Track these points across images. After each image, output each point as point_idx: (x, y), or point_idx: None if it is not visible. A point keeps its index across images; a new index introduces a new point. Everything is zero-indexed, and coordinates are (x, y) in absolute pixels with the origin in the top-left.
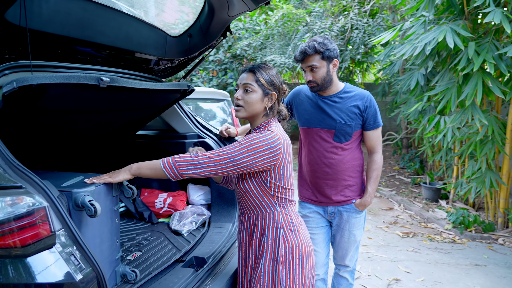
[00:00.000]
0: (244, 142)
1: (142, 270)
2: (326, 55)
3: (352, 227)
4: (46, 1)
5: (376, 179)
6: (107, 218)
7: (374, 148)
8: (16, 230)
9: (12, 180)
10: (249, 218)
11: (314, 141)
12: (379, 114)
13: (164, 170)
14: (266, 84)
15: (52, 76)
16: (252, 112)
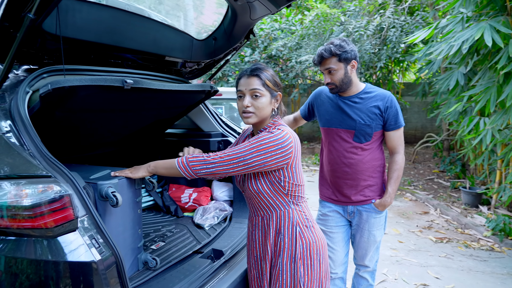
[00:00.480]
0: (254, 141)
1: (163, 258)
2: (343, 57)
3: (372, 227)
4: (80, 11)
5: (397, 180)
6: (129, 209)
7: (396, 148)
8: (46, 214)
9: (44, 170)
10: (263, 219)
11: (334, 141)
12: (401, 114)
13: (179, 169)
14: (272, 86)
15: (82, 78)
16: (262, 116)
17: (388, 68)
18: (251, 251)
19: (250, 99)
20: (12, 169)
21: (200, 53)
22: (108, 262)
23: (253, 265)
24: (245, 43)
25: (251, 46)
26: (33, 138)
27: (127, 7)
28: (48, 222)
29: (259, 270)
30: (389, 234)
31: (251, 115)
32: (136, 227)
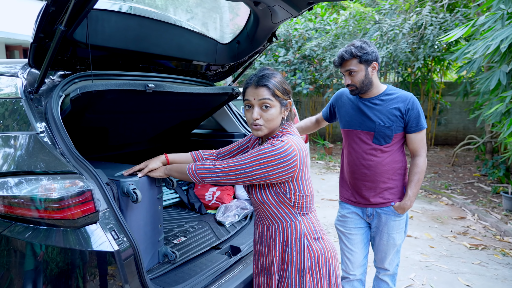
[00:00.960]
0: (255, 154)
1: (183, 253)
2: (364, 59)
3: (391, 230)
4: (108, 21)
5: (418, 183)
6: (150, 205)
7: (417, 151)
8: (71, 206)
9: (71, 167)
10: (269, 228)
11: (353, 143)
12: (423, 117)
13: (189, 175)
14: (282, 94)
15: (107, 83)
16: (272, 128)
17: (428, 67)
18: (258, 258)
19: (259, 110)
20: (44, 166)
21: (224, 56)
22: (126, 253)
23: (260, 272)
24: (268, 46)
25: (285, 46)
26: (64, 138)
27: (153, 15)
28: (72, 214)
29: (266, 278)
30: (420, 239)
31: (260, 128)
32: (156, 222)
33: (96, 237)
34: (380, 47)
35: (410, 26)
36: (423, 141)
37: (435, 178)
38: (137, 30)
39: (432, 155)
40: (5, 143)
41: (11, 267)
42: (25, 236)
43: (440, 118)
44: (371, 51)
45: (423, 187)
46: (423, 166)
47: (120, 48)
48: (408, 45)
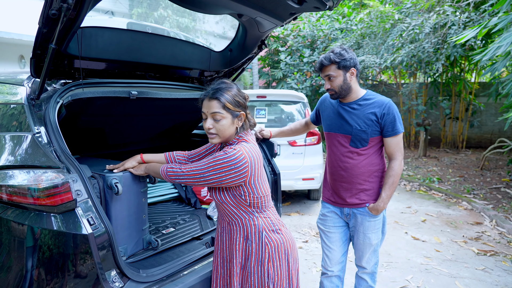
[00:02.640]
0: (210, 160)
1: (167, 241)
2: (342, 65)
3: (367, 230)
4: (102, 36)
5: (392, 186)
6: (134, 197)
7: (393, 155)
8: (52, 195)
9: (57, 163)
10: (229, 224)
11: (333, 145)
12: (399, 121)
13: (161, 175)
14: (233, 107)
15: (95, 91)
16: (225, 136)
17: (461, 67)
18: (219, 251)
19: (212, 121)
20: (35, 161)
21: (217, 63)
22: (101, 237)
23: (221, 264)
24: (259, 52)
25: (311, 47)
26: (57, 138)
27: (148, 28)
28: (53, 201)
29: (226, 271)
30: (428, 242)
31: (214, 136)
32: (140, 213)
33: (73, 221)
34: (401, 46)
35: (432, 25)
36: (399, 145)
37: (460, 182)
38: (130, 43)
39: (461, 158)
40: (7, 142)
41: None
42: (17, 218)
43: (472, 120)
44: (349, 57)
45: (443, 191)
46: (398, 170)
47: (114, 59)
48: (431, 44)
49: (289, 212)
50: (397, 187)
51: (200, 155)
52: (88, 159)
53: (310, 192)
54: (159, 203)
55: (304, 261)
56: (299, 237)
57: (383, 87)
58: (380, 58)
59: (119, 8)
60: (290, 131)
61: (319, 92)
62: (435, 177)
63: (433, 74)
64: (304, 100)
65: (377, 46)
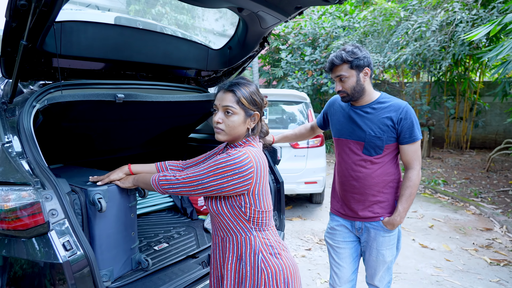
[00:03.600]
0: (211, 163)
1: (159, 260)
2: (355, 64)
3: (380, 246)
4: (85, 32)
5: (409, 198)
6: (121, 213)
7: (410, 163)
8: (20, 217)
9: (26, 178)
10: (223, 240)
11: (343, 153)
12: (417, 127)
13: (152, 186)
14: (248, 104)
15: (75, 94)
16: (234, 135)
17: (465, 66)
18: (213, 269)
19: (222, 115)
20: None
21: (216, 62)
22: (79, 264)
23: (215, 283)
24: (260, 51)
25: (312, 45)
26: (31, 148)
27: (138, 24)
28: (21, 225)
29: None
30: (437, 250)
31: (221, 132)
32: (129, 230)
33: (45, 247)
34: (406, 44)
35: (438, 23)
36: (416, 153)
37: (466, 185)
38: (117, 39)
39: (466, 159)
40: None
41: None
42: None
43: (477, 120)
44: (363, 56)
45: (449, 194)
46: (416, 180)
47: (100, 58)
48: (437, 42)
49: (291, 217)
50: None
51: (198, 164)
52: (71, 169)
53: (312, 196)
54: (152, 213)
55: (308, 271)
56: (301, 244)
57: (386, 86)
58: (384, 57)
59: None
60: (295, 135)
61: (321, 92)
62: (440, 179)
63: (437, 73)
64: (307, 100)
65: (380, 45)
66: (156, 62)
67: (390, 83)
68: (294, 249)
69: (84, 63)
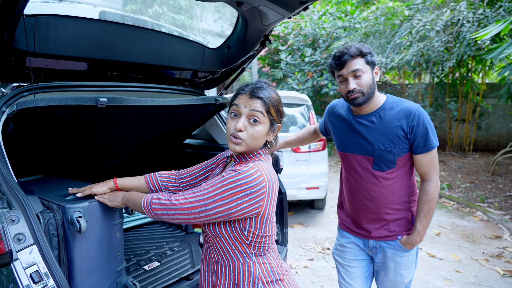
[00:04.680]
0: (216, 183)
1: (149, 283)
2: (370, 60)
3: (399, 266)
4: (64, 27)
5: (428, 214)
6: (105, 233)
7: (426, 175)
8: None
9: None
10: (217, 263)
11: (351, 169)
12: (433, 133)
13: (144, 210)
14: (275, 115)
15: (49, 98)
16: (253, 147)
17: (468, 67)
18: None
19: (246, 122)
20: None
21: (213, 62)
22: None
23: None
24: (261, 50)
25: (312, 46)
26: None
27: (126, 19)
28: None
29: None
30: (446, 260)
31: (240, 142)
32: (114, 251)
33: (8, 281)
34: (409, 45)
35: (444, 23)
36: (433, 162)
37: (471, 189)
38: (102, 37)
39: (469, 162)
40: None
41: None
42: None
43: (480, 122)
44: (374, 53)
45: (455, 199)
46: (434, 193)
47: (81, 57)
48: (442, 43)
49: (292, 224)
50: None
51: (192, 175)
52: (50, 182)
53: (314, 202)
54: (143, 226)
55: (311, 284)
56: (303, 254)
57: (387, 88)
58: (386, 58)
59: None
60: (298, 140)
61: (321, 93)
62: (445, 183)
63: (439, 74)
64: (308, 103)
65: (382, 45)
66: (147, 62)
67: (392, 84)
68: (296, 259)
69: (64, 62)
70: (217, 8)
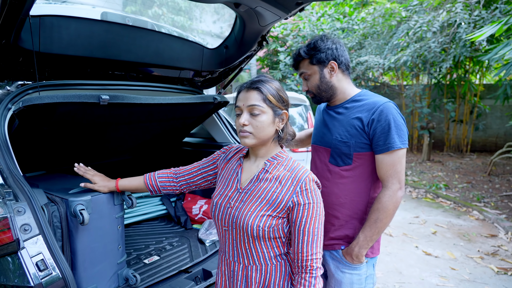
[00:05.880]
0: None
1: (149, 275)
2: (316, 59)
3: (338, 285)
4: (67, 27)
5: (374, 225)
6: (106, 225)
7: (384, 180)
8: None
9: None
10: (246, 269)
11: (313, 162)
12: (397, 133)
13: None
14: (276, 102)
15: (54, 96)
16: (262, 138)
17: (465, 68)
18: None
19: (248, 116)
20: None
21: (211, 62)
22: (54, 285)
23: None
24: (258, 50)
25: None
26: (5, 155)
27: (127, 20)
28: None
29: None
30: (441, 258)
31: (248, 135)
32: (115, 243)
33: (15, 268)
34: (406, 46)
35: (440, 24)
36: (394, 167)
37: (468, 189)
38: (104, 37)
39: (466, 163)
40: None
41: None
42: None
43: (477, 123)
44: (326, 47)
45: (452, 198)
46: (388, 203)
47: (84, 56)
48: (438, 44)
49: None
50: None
51: (191, 174)
52: (53, 177)
53: None
54: (143, 222)
55: None
56: None
57: (385, 89)
58: (384, 59)
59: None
60: (294, 142)
61: None
62: (442, 183)
63: (437, 75)
64: (306, 103)
65: (380, 46)
66: (147, 62)
67: (390, 85)
68: None
69: (68, 61)
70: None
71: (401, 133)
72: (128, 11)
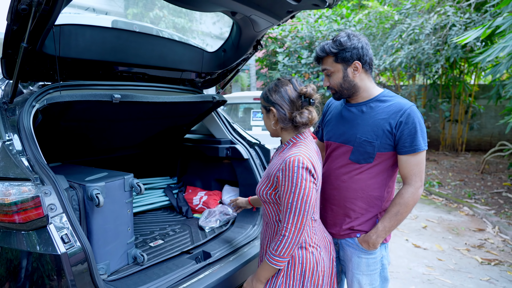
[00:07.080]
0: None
1: (154, 256)
2: (341, 57)
3: (356, 269)
4: (83, 34)
5: (394, 217)
6: (118, 208)
7: (407, 178)
8: (20, 211)
9: (26, 174)
10: (266, 225)
11: (329, 158)
12: (422, 135)
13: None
14: (264, 102)
15: (73, 94)
16: (271, 132)
17: (460, 69)
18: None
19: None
20: (3, 171)
21: (211, 64)
22: (76, 256)
23: None
24: (254, 53)
25: (309, 48)
26: (31, 146)
27: (134, 27)
28: (22, 218)
29: None
30: (429, 250)
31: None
32: (125, 225)
33: (44, 240)
34: (400, 48)
35: (432, 26)
36: (418, 166)
37: (460, 186)
38: (114, 42)
39: (461, 162)
40: None
41: None
42: None
43: (472, 123)
44: (352, 47)
45: (444, 195)
46: (409, 199)
47: (97, 60)
48: (431, 46)
49: None
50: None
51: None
52: (69, 167)
53: None
54: (148, 212)
55: None
56: None
57: None
58: (379, 60)
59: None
60: None
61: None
62: (435, 181)
63: (432, 76)
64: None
65: (375, 48)
66: (152, 64)
67: (386, 86)
68: None
69: (82, 65)
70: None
71: (425, 135)
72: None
